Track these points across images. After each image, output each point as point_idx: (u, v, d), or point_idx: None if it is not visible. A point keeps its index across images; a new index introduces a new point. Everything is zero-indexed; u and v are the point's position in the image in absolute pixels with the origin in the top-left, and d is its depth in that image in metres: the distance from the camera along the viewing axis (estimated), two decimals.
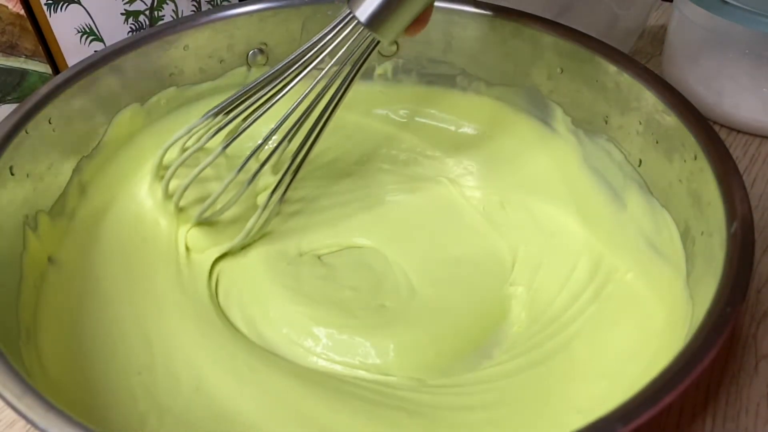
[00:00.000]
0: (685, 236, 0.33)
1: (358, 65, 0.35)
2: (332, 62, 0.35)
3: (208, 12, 0.43)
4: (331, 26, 0.34)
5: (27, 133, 0.35)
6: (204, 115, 0.38)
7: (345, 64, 0.35)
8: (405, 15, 0.32)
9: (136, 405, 0.32)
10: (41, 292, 0.34)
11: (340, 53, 0.34)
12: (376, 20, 0.32)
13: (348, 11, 0.33)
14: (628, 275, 0.36)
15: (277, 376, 0.33)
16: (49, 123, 0.36)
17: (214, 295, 0.38)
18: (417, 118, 0.47)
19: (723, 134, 0.49)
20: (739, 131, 0.50)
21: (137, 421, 0.31)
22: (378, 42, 0.34)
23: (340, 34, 0.34)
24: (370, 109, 0.47)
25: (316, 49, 0.35)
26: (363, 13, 0.32)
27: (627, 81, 0.37)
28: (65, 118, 0.37)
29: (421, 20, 0.34)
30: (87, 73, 0.38)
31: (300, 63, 0.35)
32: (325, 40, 0.34)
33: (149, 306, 0.36)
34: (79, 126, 0.38)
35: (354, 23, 0.33)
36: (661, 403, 0.23)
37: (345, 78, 0.36)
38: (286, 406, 0.32)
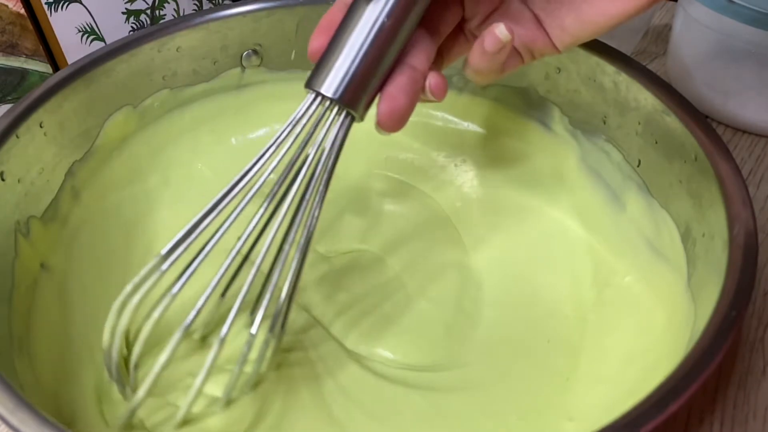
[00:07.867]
0: (686, 238, 0.33)
1: (334, 156, 0.29)
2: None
3: (201, 12, 0.42)
4: (291, 120, 0.28)
5: (18, 137, 0.34)
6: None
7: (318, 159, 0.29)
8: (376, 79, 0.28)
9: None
10: (34, 300, 0.34)
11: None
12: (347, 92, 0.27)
13: (312, 95, 0.28)
14: (627, 278, 0.36)
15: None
16: (41, 127, 0.35)
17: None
18: (413, 120, 0.46)
19: (728, 135, 0.49)
20: (744, 131, 0.49)
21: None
22: (352, 120, 0.29)
23: (306, 123, 0.28)
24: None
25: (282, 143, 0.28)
26: (329, 88, 0.27)
27: (625, 81, 0.37)
28: (57, 121, 0.36)
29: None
30: (78, 76, 0.37)
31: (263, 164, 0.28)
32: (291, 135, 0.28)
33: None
34: (71, 129, 0.38)
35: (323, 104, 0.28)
36: (668, 410, 0.22)
37: (320, 175, 0.29)
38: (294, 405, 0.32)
